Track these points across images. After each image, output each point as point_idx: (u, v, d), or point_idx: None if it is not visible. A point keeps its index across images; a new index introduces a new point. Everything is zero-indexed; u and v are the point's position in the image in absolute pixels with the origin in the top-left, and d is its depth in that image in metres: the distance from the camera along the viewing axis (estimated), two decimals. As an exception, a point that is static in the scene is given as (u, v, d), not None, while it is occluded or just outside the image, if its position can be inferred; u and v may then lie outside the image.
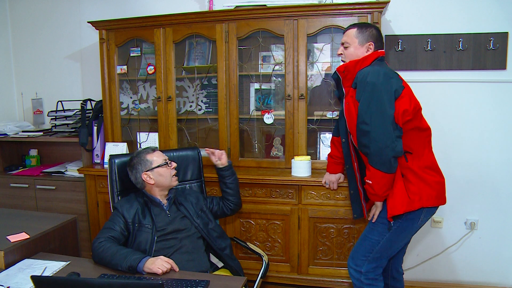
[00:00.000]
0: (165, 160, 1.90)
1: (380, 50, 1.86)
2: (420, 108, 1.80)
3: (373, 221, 1.85)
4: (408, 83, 2.61)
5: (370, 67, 1.77)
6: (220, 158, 2.07)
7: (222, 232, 1.98)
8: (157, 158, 1.89)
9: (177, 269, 1.57)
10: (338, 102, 2.52)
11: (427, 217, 1.80)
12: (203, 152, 2.20)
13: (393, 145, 1.65)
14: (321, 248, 2.42)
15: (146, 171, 1.85)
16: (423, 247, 2.67)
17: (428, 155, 1.81)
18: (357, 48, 1.87)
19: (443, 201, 1.83)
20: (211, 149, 2.10)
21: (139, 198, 1.88)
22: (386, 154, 1.65)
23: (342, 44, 1.93)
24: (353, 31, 1.89)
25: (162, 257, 1.58)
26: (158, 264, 1.53)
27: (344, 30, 1.95)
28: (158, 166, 1.86)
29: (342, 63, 1.93)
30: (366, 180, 1.76)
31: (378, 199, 1.79)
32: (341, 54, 1.95)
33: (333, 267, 2.41)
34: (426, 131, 1.81)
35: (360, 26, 1.90)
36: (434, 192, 1.77)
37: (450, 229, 2.62)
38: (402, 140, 1.70)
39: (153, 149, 1.93)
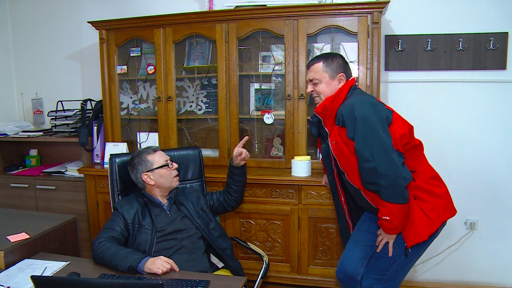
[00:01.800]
0: (166, 161, 1.89)
1: (350, 79, 1.80)
2: (412, 127, 1.75)
3: (378, 250, 1.75)
4: (408, 83, 2.61)
5: (352, 98, 1.71)
6: (244, 159, 2.02)
7: (223, 232, 1.98)
8: (158, 158, 1.88)
9: (177, 269, 1.57)
10: (314, 142, 2.52)
11: (442, 227, 1.77)
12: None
13: (403, 173, 1.57)
14: (321, 248, 2.42)
15: (147, 172, 1.85)
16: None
17: (426, 166, 1.78)
18: (329, 83, 1.79)
19: (454, 209, 1.79)
20: (242, 149, 2.01)
21: (139, 199, 1.88)
22: (399, 185, 1.57)
23: (310, 81, 1.84)
24: (319, 65, 1.80)
25: (162, 257, 1.58)
26: (158, 264, 1.53)
27: (308, 66, 1.87)
28: (158, 167, 1.85)
29: (319, 102, 1.85)
30: (383, 217, 1.63)
31: (397, 232, 1.68)
32: (312, 91, 1.85)
33: (333, 267, 2.41)
34: (419, 145, 1.77)
35: (325, 59, 1.81)
36: (448, 202, 1.74)
37: (450, 229, 2.62)
38: (405, 162, 1.66)
39: (155, 149, 1.92)
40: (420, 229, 1.66)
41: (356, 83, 1.83)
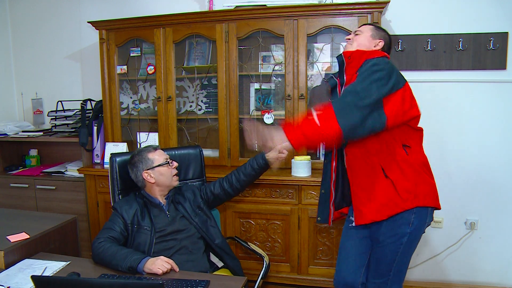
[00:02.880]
0: (166, 159, 1.89)
1: (388, 55, 1.82)
2: (418, 115, 1.72)
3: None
4: (408, 83, 2.59)
5: (376, 58, 1.69)
6: (278, 159, 1.94)
7: (219, 230, 1.97)
8: (158, 157, 1.88)
9: (177, 269, 1.57)
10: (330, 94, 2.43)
11: (430, 220, 1.74)
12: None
13: (366, 103, 1.49)
14: (321, 248, 2.42)
15: (147, 170, 1.84)
16: (423, 247, 2.67)
17: (421, 152, 1.74)
18: (368, 38, 1.81)
19: (439, 202, 1.74)
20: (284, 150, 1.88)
21: (138, 199, 1.88)
22: (353, 105, 1.50)
23: (355, 32, 1.86)
24: (370, 26, 1.86)
25: (162, 257, 1.58)
26: (158, 264, 1.53)
27: (361, 25, 1.91)
28: (159, 165, 1.85)
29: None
30: (314, 112, 1.54)
31: (293, 138, 1.54)
32: (349, 39, 1.85)
33: (333, 267, 2.40)
34: (418, 131, 1.75)
35: (377, 26, 1.88)
36: (432, 192, 1.70)
37: (450, 229, 2.62)
38: (400, 133, 1.63)
39: (155, 148, 1.93)
40: (381, 205, 1.62)
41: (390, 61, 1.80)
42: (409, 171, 1.66)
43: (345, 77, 1.79)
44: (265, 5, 2.43)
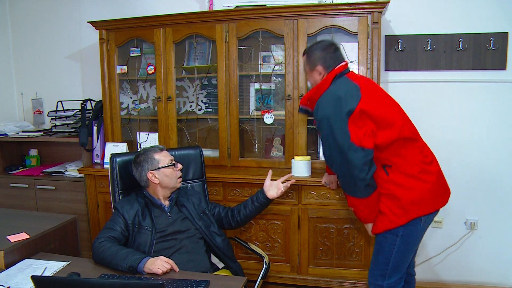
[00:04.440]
0: (171, 161, 1.89)
1: (337, 67, 1.78)
2: (386, 118, 1.70)
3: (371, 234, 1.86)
4: (408, 83, 2.59)
5: (326, 91, 1.74)
6: (280, 192, 1.99)
7: (225, 236, 1.97)
8: (164, 158, 1.87)
9: (177, 269, 1.57)
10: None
11: (427, 222, 1.77)
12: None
13: (359, 174, 1.62)
14: (321, 248, 2.42)
15: (152, 170, 1.84)
16: (423, 247, 2.67)
17: (412, 161, 1.71)
18: (310, 74, 1.86)
19: (439, 204, 1.77)
20: (289, 181, 2.06)
21: (139, 199, 1.87)
22: (354, 183, 1.65)
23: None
24: (304, 58, 1.88)
25: (162, 257, 1.58)
26: (158, 264, 1.53)
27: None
28: (164, 167, 1.85)
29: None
30: (350, 206, 1.78)
31: (366, 222, 1.79)
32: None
33: (333, 267, 2.41)
34: (402, 140, 1.70)
35: (307, 53, 1.86)
36: (426, 199, 1.71)
37: (450, 229, 2.62)
38: (380, 155, 1.68)
39: (161, 149, 1.92)
40: (379, 223, 1.74)
41: (347, 69, 1.81)
42: (394, 189, 1.71)
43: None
44: (265, 5, 2.43)
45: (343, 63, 1.81)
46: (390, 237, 1.75)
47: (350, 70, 1.84)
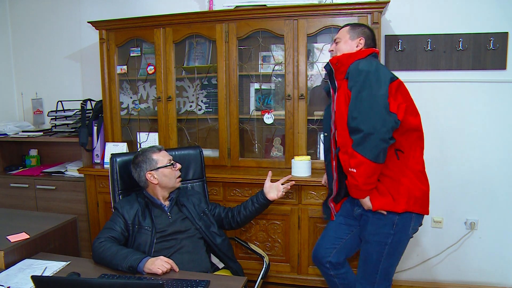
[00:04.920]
0: (170, 161, 1.89)
1: (373, 48, 1.86)
2: (418, 114, 1.76)
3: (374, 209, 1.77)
4: (408, 83, 2.60)
5: (363, 58, 1.75)
6: (280, 194, 2.00)
7: (225, 236, 1.97)
8: (162, 158, 1.87)
9: (177, 269, 1.57)
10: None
11: (416, 225, 1.75)
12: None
13: (384, 133, 1.56)
14: (321, 248, 2.42)
15: (151, 171, 1.84)
16: (423, 247, 2.67)
17: (419, 159, 1.75)
18: (347, 42, 1.87)
19: (427, 210, 1.77)
20: (289, 183, 2.05)
21: (139, 199, 1.87)
22: (374, 139, 1.57)
23: (334, 40, 1.93)
24: (346, 28, 1.91)
25: (162, 257, 1.58)
26: (158, 264, 1.53)
27: (339, 29, 1.96)
28: (163, 167, 1.85)
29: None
30: (350, 169, 1.66)
31: (361, 194, 1.70)
32: (332, 50, 1.94)
33: (333, 267, 2.41)
34: (417, 133, 1.75)
35: (353, 24, 1.92)
36: (421, 199, 1.71)
37: (450, 229, 2.62)
38: (396, 138, 1.65)
39: (159, 149, 1.92)
40: (377, 200, 1.69)
41: (378, 55, 1.86)
42: (400, 175, 1.69)
43: (336, 83, 1.83)
44: (265, 5, 2.43)
45: (377, 49, 1.88)
46: (377, 245, 1.74)
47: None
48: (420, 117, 1.77)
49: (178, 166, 1.91)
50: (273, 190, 1.99)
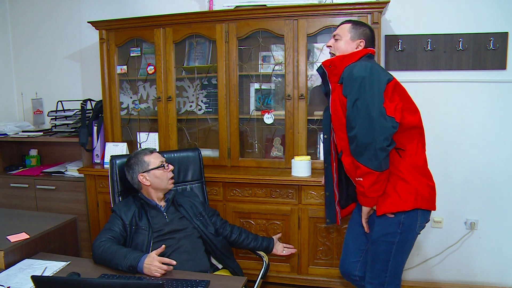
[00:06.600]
0: (162, 162, 1.90)
1: (369, 48, 1.82)
2: (418, 112, 1.75)
3: (366, 231, 1.79)
4: (408, 83, 2.60)
5: (358, 62, 1.71)
6: (281, 251, 2.07)
7: (222, 236, 1.98)
8: (154, 160, 1.89)
9: (174, 262, 1.56)
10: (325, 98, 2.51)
11: (423, 222, 1.74)
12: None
13: (383, 142, 1.54)
14: (321, 248, 2.42)
15: (142, 173, 1.86)
16: (423, 247, 2.67)
17: (421, 155, 1.74)
18: (348, 42, 1.81)
19: (434, 206, 1.76)
20: (290, 249, 2.11)
21: (136, 201, 1.89)
22: (374, 149, 1.56)
23: (334, 36, 1.87)
24: (347, 25, 1.84)
25: (154, 257, 1.55)
26: (153, 270, 1.51)
27: (339, 24, 1.90)
28: (154, 168, 1.87)
29: (328, 57, 1.86)
30: (357, 178, 1.66)
31: (369, 202, 1.69)
32: (331, 46, 1.88)
33: (333, 267, 2.41)
34: (418, 130, 1.74)
35: (355, 22, 1.86)
36: (428, 194, 1.70)
37: (450, 229, 2.62)
38: (397, 137, 1.63)
39: (151, 151, 1.94)
40: (381, 205, 1.67)
41: (374, 55, 1.83)
42: (405, 173, 1.68)
43: (330, 85, 1.81)
44: (265, 5, 2.43)
45: (374, 49, 1.84)
46: (385, 244, 1.73)
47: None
48: (420, 114, 1.76)
49: (171, 167, 1.93)
50: (279, 246, 2.07)
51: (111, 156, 2.07)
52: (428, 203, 1.71)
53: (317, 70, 1.89)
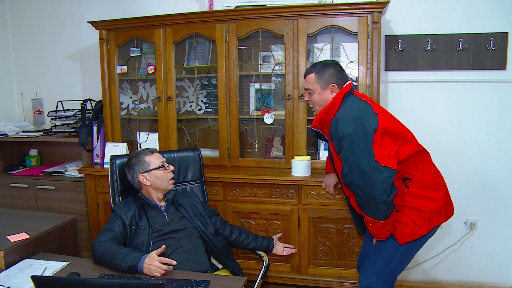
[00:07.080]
0: (162, 162, 1.90)
1: (345, 85, 1.77)
2: (411, 136, 1.75)
3: (374, 243, 1.85)
4: (408, 83, 2.60)
5: (341, 110, 1.70)
6: (282, 251, 2.06)
7: (223, 238, 1.98)
8: (155, 160, 1.89)
9: (174, 263, 1.56)
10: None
11: (436, 229, 1.79)
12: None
13: (382, 196, 1.57)
14: (321, 248, 2.42)
15: (143, 173, 1.86)
16: (423, 247, 2.66)
17: (426, 172, 1.75)
18: (321, 93, 1.79)
19: (451, 212, 1.81)
20: (290, 249, 2.09)
21: (136, 201, 1.89)
22: (375, 205, 1.60)
23: (306, 90, 1.87)
24: (312, 76, 1.80)
25: (154, 257, 1.55)
26: (154, 270, 1.52)
27: (304, 75, 1.87)
28: (155, 169, 1.87)
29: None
30: (368, 223, 1.72)
31: (380, 238, 1.76)
32: (308, 100, 1.87)
33: (333, 267, 2.41)
34: (419, 152, 1.74)
35: (317, 70, 1.80)
36: (444, 206, 1.74)
37: (450, 229, 2.62)
38: (401, 169, 1.65)
39: (152, 151, 1.94)
40: (406, 232, 1.71)
41: (352, 87, 1.79)
42: (416, 201, 1.71)
43: (326, 137, 1.84)
44: (265, 5, 2.43)
45: (349, 82, 1.80)
46: (395, 242, 1.75)
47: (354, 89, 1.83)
48: (415, 138, 1.76)
49: (171, 168, 1.92)
50: (279, 246, 2.06)
51: (111, 156, 2.07)
52: (444, 216, 1.76)
53: (311, 135, 1.95)
